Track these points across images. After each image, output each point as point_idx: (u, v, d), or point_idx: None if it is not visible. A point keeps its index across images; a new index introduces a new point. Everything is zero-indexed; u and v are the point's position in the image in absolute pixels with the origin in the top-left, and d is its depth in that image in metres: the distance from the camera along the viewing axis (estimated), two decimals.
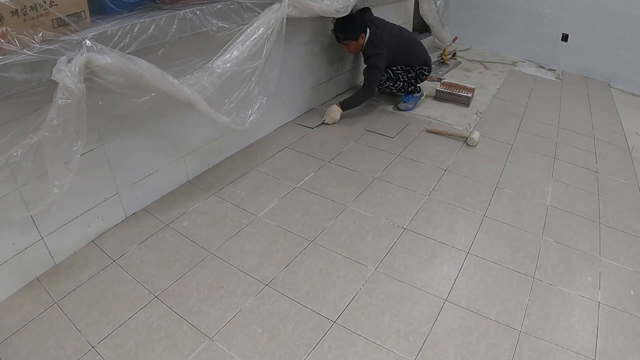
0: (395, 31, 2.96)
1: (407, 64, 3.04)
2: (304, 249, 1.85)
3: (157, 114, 1.92)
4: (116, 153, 1.82)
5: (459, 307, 1.61)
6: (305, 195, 2.19)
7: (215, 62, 1.86)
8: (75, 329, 1.47)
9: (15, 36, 1.23)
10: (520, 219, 2.10)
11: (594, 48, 4.27)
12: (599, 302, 1.67)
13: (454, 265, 1.81)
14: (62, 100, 1.29)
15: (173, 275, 1.69)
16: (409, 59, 3.03)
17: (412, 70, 3.07)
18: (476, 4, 4.77)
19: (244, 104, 2.07)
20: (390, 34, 2.89)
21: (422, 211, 2.12)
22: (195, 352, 1.40)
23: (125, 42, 1.50)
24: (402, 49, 2.95)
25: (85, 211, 1.78)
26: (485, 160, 2.60)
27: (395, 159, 2.55)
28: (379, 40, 2.80)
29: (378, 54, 2.80)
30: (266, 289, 1.65)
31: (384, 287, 1.68)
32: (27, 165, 1.39)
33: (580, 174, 2.55)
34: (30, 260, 1.62)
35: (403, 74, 3.06)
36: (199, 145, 2.25)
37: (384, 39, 2.82)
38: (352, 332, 1.50)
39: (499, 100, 3.55)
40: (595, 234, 2.05)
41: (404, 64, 3.03)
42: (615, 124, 3.37)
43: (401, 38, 2.96)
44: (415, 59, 3.06)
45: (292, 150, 2.59)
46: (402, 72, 3.05)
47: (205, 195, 2.16)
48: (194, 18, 1.75)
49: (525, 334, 1.52)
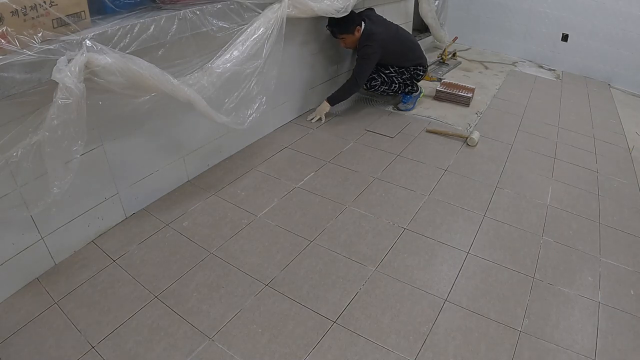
0: (392, 29, 2.94)
1: (401, 65, 3.01)
2: (304, 249, 1.85)
3: (157, 114, 1.92)
4: (116, 153, 1.82)
5: (459, 307, 1.61)
6: (305, 195, 2.19)
7: (215, 62, 1.87)
8: (75, 329, 1.47)
9: (15, 36, 1.23)
10: (520, 219, 2.10)
11: (594, 48, 4.27)
12: (599, 302, 1.67)
13: (454, 265, 1.81)
14: (62, 100, 1.29)
15: (173, 275, 1.69)
16: (402, 59, 2.99)
17: (406, 72, 3.04)
18: (476, 4, 4.76)
19: (244, 104, 2.07)
20: (386, 29, 2.86)
21: (422, 211, 2.12)
22: (195, 352, 1.40)
23: (125, 42, 1.51)
24: (396, 47, 2.90)
25: (85, 211, 1.78)
26: (485, 160, 2.60)
27: (395, 159, 2.55)
28: (373, 34, 2.76)
29: (369, 45, 2.75)
30: (266, 289, 1.65)
31: (384, 287, 1.68)
32: (27, 165, 1.39)
33: (580, 174, 2.55)
34: (30, 260, 1.62)
35: (397, 76, 3.03)
36: (199, 145, 2.25)
37: (379, 33, 2.78)
38: (352, 332, 1.50)
39: (499, 100, 3.55)
40: (595, 234, 2.05)
41: (397, 65, 3.00)
42: (615, 124, 3.37)
43: (396, 36, 2.93)
44: (409, 60, 3.01)
45: (292, 150, 2.59)
46: (396, 75, 3.03)
47: (205, 195, 2.16)
48: (194, 18, 1.75)
49: (525, 334, 1.52)
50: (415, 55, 3.05)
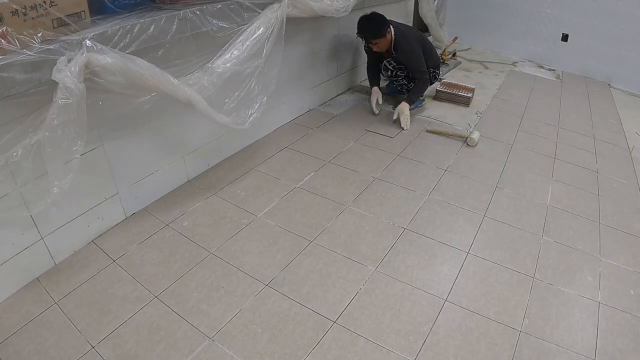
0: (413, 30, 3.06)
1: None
2: (304, 249, 1.85)
3: (157, 114, 1.92)
4: (116, 153, 1.82)
5: (459, 307, 1.61)
6: (305, 195, 2.19)
7: (216, 62, 1.86)
8: (75, 329, 1.47)
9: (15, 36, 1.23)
10: (520, 219, 2.10)
11: (594, 48, 4.27)
12: (599, 302, 1.67)
13: (454, 265, 1.81)
14: (62, 100, 1.29)
15: (173, 275, 1.69)
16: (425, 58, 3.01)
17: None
18: (476, 4, 4.76)
19: (244, 104, 2.07)
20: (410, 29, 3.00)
21: (422, 211, 2.12)
22: (195, 352, 1.40)
23: (125, 42, 1.50)
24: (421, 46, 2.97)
25: (85, 211, 1.78)
26: (485, 160, 2.60)
27: (395, 159, 2.55)
28: (408, 29, 2.94)
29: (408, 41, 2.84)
30: (266, 289, 1.65)
31: (384, 287, 1.68)
32: (27, 165, 1.38)
33: (580, 174, 2.55)
34: (30, 260, 1.62)
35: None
36: (199, 145, 2.25)
37: (410, 28, 2.96)
38: (352, 332, 1.50)
39: (499, 100, 3.55)
40: (595, 234, 2.05)
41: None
42: (615, 124, 3.37)
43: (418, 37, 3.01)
44: (430, 59, 3.05)
45: (292, 150, 2.59)
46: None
47: (205, 195, 2.16)
48: (194, 18, 1.75)
49: (525, 334, 1.52)
50: (433, 55, 3.11)
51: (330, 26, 2.95)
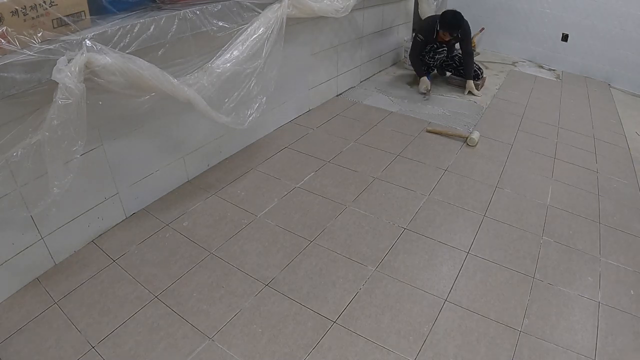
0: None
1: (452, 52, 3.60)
2: (304, 249, 1.85)
3: (157, 114, 1.92)
4: (116, 153, 1.82)
5: (459, 307, 1.61)
6: (305, 195, 2.19)
7: (215, 62, 1.86)
8: (75, 329, 1.47)
9: (15, 36, 1.23)
10: (520, 219, 2.10)
11: (594, 48, 4.27)
12: (599, 302, 1.67)
13: (454, 265, 1.81)
14: (62, 100, 1.29)
15: (173, 275, 1.69)
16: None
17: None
18: (476, 3, 4.76)
19: (244, 104, 2.07)
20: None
21: (422, 211, 2.12)
22: (195, 352, 1.40)
23: (125, 42, 1.51)
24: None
25: (85, 211, 1.78)
26: (485, 160, 2.60)
27: (395, 159, 2.55)
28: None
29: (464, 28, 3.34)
30: (266, 289, 1.65)
31: (384, 287, 1.68)
32: (27, 165, 1.38)
33: (580, 174, 2.55)
34: (30, 260, 1.62)
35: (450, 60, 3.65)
36: (199, 145, 2.25)
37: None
38: (352, 332, 1.50)
39: (499, 100, 3.55)
40: (595, 234, 2.05)
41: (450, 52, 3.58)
42: (615, 124, 3.37)
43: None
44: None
45: (292, 150, 2.59)
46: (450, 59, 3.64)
47: (205, 195, 2.16)
48: (194, 18, 1.75)
49: (525, 334, 1.52)
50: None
51: (330, 26, 2.95)
